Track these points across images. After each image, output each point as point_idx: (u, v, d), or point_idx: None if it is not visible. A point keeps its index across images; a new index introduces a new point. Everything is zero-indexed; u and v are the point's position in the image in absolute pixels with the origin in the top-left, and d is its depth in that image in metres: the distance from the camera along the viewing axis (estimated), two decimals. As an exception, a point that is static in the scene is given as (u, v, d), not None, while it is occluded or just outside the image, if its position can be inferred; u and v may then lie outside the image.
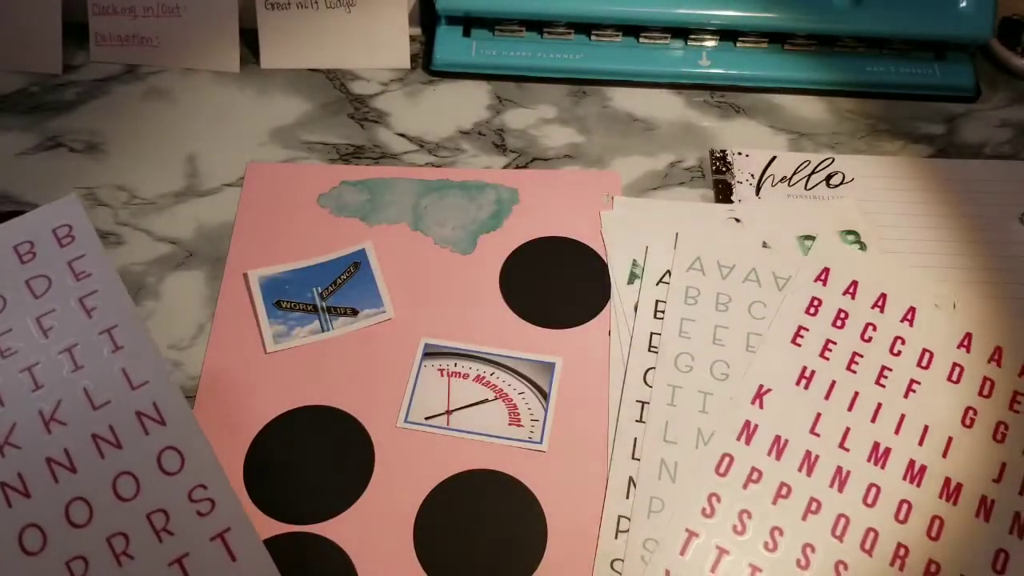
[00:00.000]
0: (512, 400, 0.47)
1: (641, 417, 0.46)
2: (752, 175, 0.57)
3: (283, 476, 0.45)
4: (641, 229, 0.54)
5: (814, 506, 0.43)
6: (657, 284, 0.51)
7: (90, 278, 0.41)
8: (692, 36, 0.62)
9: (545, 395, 0.48)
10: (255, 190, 0.56)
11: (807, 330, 0.48)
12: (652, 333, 0.49)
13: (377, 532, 0.44)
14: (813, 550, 0.42)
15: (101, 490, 0.37)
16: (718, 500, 0.43)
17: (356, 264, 0.52)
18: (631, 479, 0.45)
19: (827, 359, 0.47)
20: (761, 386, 0.47)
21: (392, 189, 0.56)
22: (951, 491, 0.44)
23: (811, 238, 0.53)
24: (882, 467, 0.44)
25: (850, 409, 0.46)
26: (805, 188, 0.56)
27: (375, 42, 0.62)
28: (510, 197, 0.55)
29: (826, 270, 0.50)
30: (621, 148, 0.58)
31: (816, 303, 0.49)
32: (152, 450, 0.38)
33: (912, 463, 0.45)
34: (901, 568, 0.42)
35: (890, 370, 0.47)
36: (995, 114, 0.61)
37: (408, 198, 0.55)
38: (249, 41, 0.62)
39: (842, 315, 0.49)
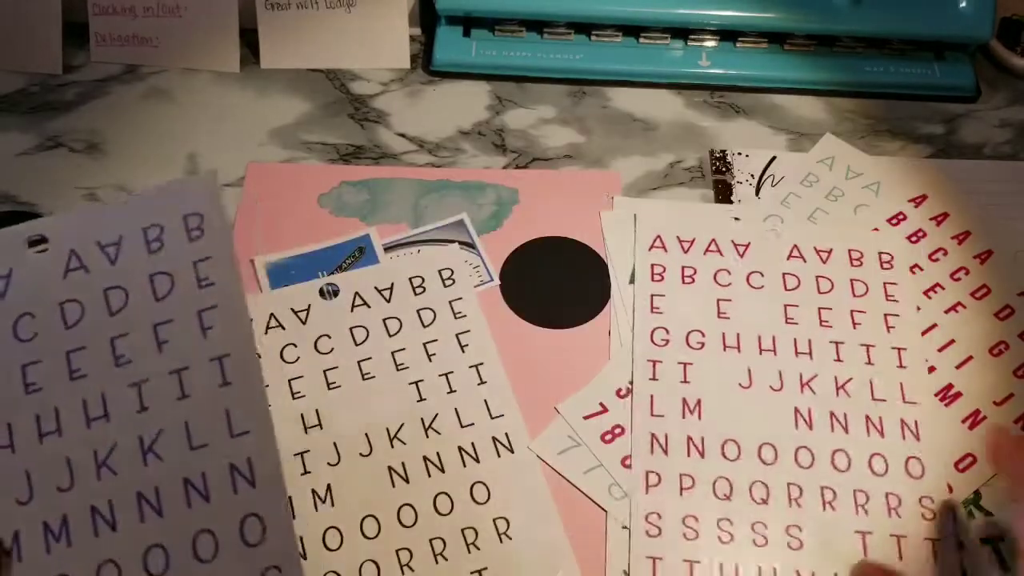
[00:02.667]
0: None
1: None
2: (752, 175, 0.57)
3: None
4: (641, 229, 0.54)
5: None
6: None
7: (212, 289, 0.34)
8: (692, 36, 0.62)
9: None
10: (255, 190, 0.56)
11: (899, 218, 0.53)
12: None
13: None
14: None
15: (182, 544, 0.32)
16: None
17: (361, 249, 0.52)
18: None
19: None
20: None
21: (392, 189, 0.56)
22: (949, 394, 0.47)
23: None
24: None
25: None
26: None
27: (375, 42, 0.62)
28: (510, 197, 0.55)
29: (924, 196, 0.54)
30: (621, 148, 0.58)
31: (902, 215, 0.53)
32: (237, 513, 0.33)
33: (931, 367, 0.48)
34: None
35: (942, 288, 0.51)
36: (995, 114, 0.61)
37: (408, 198, 0.55)
38: (249, 41, 0.62)
39: (920, 233, 0.53)
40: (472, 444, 0.46)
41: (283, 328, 0.49)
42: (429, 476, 0.45)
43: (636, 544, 0.43)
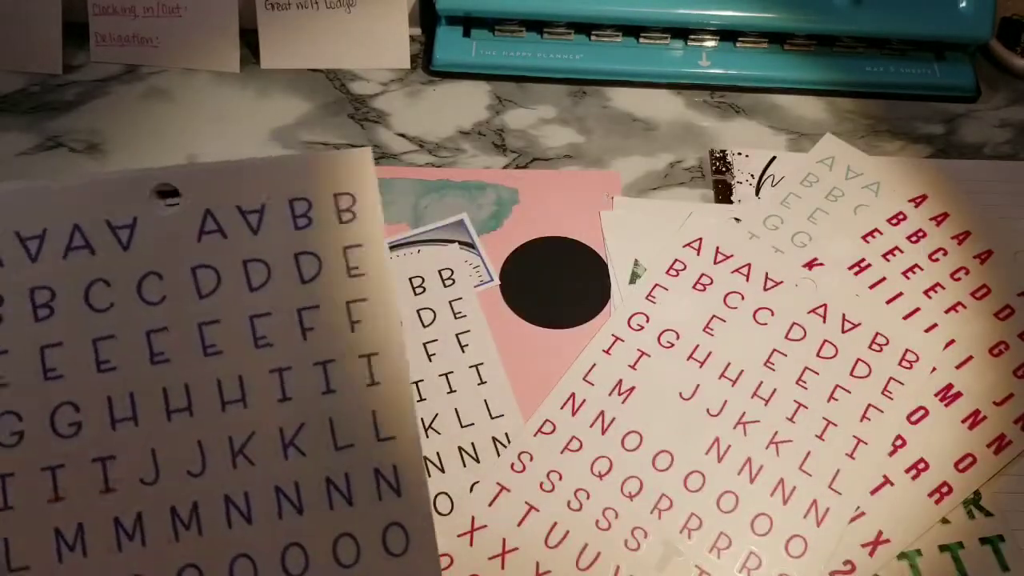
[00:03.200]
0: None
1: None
2: (752, 175, 0.57)
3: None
4: (641, 229, 0.54)
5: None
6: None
7: (363, 280, 0.32)
8: (692, 36, 0.62)
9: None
10: (255, 190, 0.56)
11: (881, 233, 0.53)
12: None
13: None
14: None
15: (322, 546, 0.30)
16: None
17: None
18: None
19: (888, 261, 0.51)
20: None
21: (392, 189, 0.56)
22: (949, 394, 0.47)
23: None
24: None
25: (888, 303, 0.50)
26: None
27: (375, 42, 0.62)
28: (510, 197, 0.55)
29: (924, 196, 0.54)
30: (621, 148, 0.58)
31: (902, 215, 0.53)
32: (380, 520, 0.31)
33: (933, 368, 0.48)
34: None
35: (942, 288, 0.51)
36: (995, 114, 0.61)
37: (408, 198, 0.55)
38: (249, 41, 0.63)
39: (920, 233, 0.53)
40: (472, 444, 0.46)
41: None
42: (429, 476, 0.45)
43: (494, 469, 0.44)
